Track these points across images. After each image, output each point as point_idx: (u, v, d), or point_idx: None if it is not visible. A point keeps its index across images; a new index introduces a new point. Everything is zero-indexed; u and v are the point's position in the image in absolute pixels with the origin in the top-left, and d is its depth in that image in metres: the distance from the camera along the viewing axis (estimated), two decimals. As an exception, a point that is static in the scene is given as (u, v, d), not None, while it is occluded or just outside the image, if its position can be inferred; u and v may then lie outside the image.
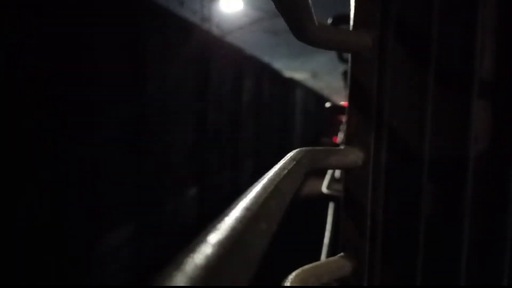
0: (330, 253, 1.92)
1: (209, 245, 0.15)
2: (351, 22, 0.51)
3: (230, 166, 4.76)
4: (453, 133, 0.48)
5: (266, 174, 0.29)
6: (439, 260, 0.49)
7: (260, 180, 0.27)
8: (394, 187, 0.50)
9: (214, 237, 0.16)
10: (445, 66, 0.47)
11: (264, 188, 0.24)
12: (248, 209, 0.20)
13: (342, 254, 0.53)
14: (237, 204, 0.21)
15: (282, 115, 8.26)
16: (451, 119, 0.48)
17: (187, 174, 3.55)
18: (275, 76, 7.29)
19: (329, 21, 1.65)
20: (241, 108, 5.20)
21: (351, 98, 0.52)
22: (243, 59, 5.27)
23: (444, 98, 0.48)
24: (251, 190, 0.24)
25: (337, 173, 2.34)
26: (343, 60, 2.45)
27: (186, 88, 3.43)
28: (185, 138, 3.50)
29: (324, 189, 2.11)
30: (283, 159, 0.35)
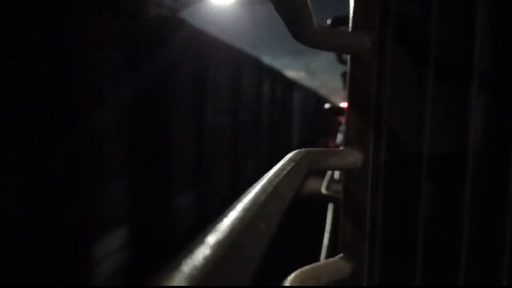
0: (329, 254, 1.92)
1: (208, 245, 0.15)
2: (350, 24, 0.51)
3: (255, 156, 6.25)
4: (452, 134, 0.48)
5: (265, 175, 0.29)
6: (438, 261, 0.49)
7: (259, 181, 0.27)
8: (393, 188, 0.50)
9: (213, 237, 0.16)
10: (444, 67, 0.47)
11: (263, 189, 0.24)
12: (247, 210, 0.20)
13: (341, 255, 0.53)
14: (236, 205, 0.21)
15: (287, 115, 9.51)
16: (450, 120, 0.48)
17: (227, 158, 4.91)
18: (283, 80, 8.83)
19: (328, 22, 1.66)
20: (261, 109, 6.56)
21: (350, 100, 0.52)
22: (262, 69, 6.69)
23: (443, 99, 0.48)
24: (250, 191, 0.24)
25: (337, 174, 2.34)
26: (342, 61, 2.44)
27: (225, 93, 4.76)
28: (225, 131, 4.76)
29: (323, 190, 2.11)
30: (282, 160, 0.35)
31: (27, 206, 1.91)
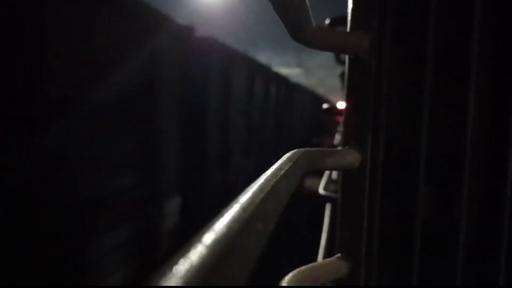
0: (327, 254, 1.92)
1: (204, 245, 0.15)
2: (349, 24, 0.51)
3: (263, 149, 7.43)
4: (449, 135, 0.48)
5: (263, 174, 0.29)
6: (435, 261, 0.49)
7: (256, 180, 0.27)
8: (391, 188, 0.51)
9: (210, 237, 0.16)
10: (442, 67, 0.47)
11: (261, 188, 0.24)
12: (244, 209, 0.20)
13: (338, 255, 0.53)
14: (233, 204, 0.21)
15: (290, 115, 10.63)
16: (448, 120, 0.48)
17: (243, 151, 6.03)
18: (287, 83, 10.17)
19: (327, 22, 1.66)
20: (268, 109, 7.71)
21: (348, 100, 0.52)
22: (270, 74, 7.91)
23: (441, 99, 0.48)
24: (247, 191, 0.24)
25: (334, 174, 2.34)
26: (340, 61, 2.45)
27: (241, 97, 5.79)
28: (241, 128, 5.79)
29: (321, 190, 2.11)
30: (280, 159, 0.35)
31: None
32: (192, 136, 4.02)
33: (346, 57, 0.52)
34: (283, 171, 0.30)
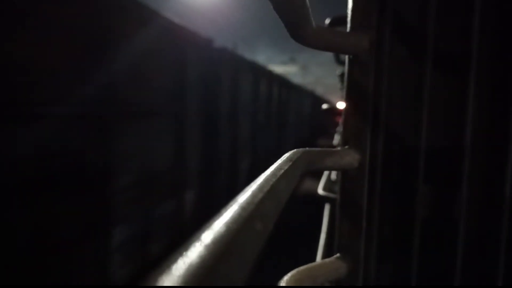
0: (326, 254, 1.92)
1: (203, 244, 0.15)
2: (348, 24, 0.51)
3: (267, 146, 8.45)
4: (449, 136, 0.48)
5: (262, 174, 0.29)
6: (434, 261, 0.49)
7: (256, 180, 0.27)
8: (390, 188, 0.51)
9: (209, 236, 0.16)
10: (442, 67, 0.47)
11: (260, 188, 0.24)
12: (243, 208, 0.20)
13: (337, 255, 0.53)
14: (232, 203, 0.21)
15: (290, 114, 11.46)
16: (448, 121, 0.48)
17: (248, 149, 6.85)
18: (289, 85, 11.07)
19: (327, 22, 1.66)
20: (271, 111, 8.66)
21: (348, 100, 0.52)
22: (273, 77, 8.83)
23: (441, 99, 0.48)
24: (246, 190, 0.24)
25: (333, 174, 2.34)
26: (340, 62, 2.45)
27: (247, 98, 6.50)
28: (247, 128, 6.54)
29: (320, 190, 2.11)
30: (279, 159, 0.35)
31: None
32: (208, 133, 4.89)
33: (346, 57, 0.52)
34: (282, 171, 0.30)
